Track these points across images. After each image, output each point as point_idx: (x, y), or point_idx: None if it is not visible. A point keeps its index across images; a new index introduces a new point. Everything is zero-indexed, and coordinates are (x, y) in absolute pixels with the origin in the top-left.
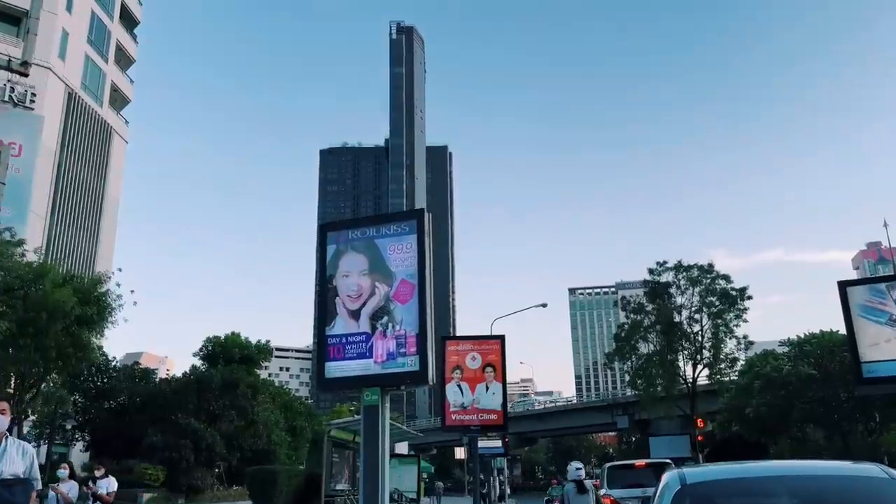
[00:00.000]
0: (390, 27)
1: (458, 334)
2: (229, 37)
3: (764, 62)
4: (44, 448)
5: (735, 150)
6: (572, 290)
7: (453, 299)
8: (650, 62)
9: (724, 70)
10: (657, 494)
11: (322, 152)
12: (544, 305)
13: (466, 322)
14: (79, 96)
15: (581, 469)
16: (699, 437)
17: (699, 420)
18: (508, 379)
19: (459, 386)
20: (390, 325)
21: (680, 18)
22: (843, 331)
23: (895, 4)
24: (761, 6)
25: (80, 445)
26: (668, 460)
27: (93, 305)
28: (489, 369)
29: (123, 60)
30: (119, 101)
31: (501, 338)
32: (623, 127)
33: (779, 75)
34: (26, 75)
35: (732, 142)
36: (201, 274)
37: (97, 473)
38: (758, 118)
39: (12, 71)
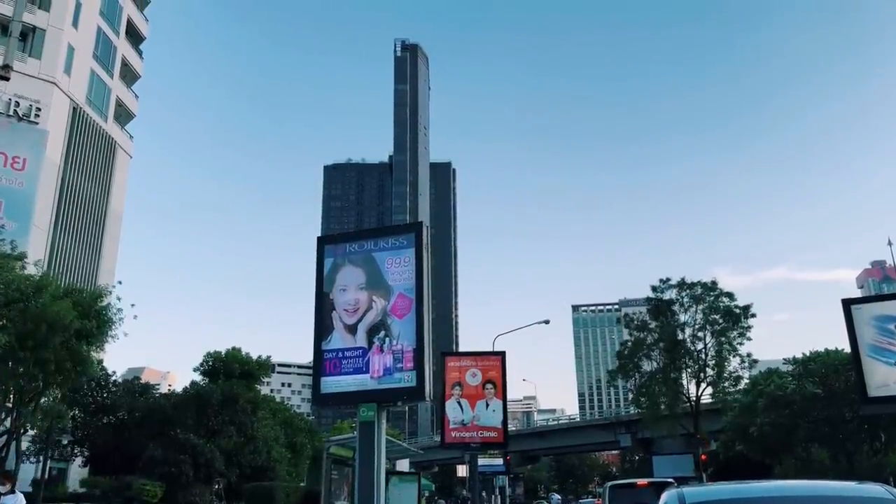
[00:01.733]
0: (395, 45)
1: (460, 350)
2: (235, 53)
3: (769, 81)
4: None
5: (740, 168)
6: (575, 308)
7: (456, 315)
8: (656, 81)
9: (730, 88)
10: None
11: (326, 168)
12: (547, 322)
13: (469, 338)
14: (83, 111)
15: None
16: (703, 457)
17: (703, 439)
18: (510, 396)
19: (459, 402)
20: (387, 339)
21: (685, 39)
22: (848, 349)
23: None
24: (764, 27)
25: (78, 461)
26: (670, 480)
27: (92, 319)
28: (489, 386)
29: (129, 76)
30: (124, 115)
31: (502, 354)
32: (628, 145)
33: (784, 94)
34: (7, 79)
35: (737, 160)
36: (205, 289)
37: (2, 489)
38: (763, 137)
39: None
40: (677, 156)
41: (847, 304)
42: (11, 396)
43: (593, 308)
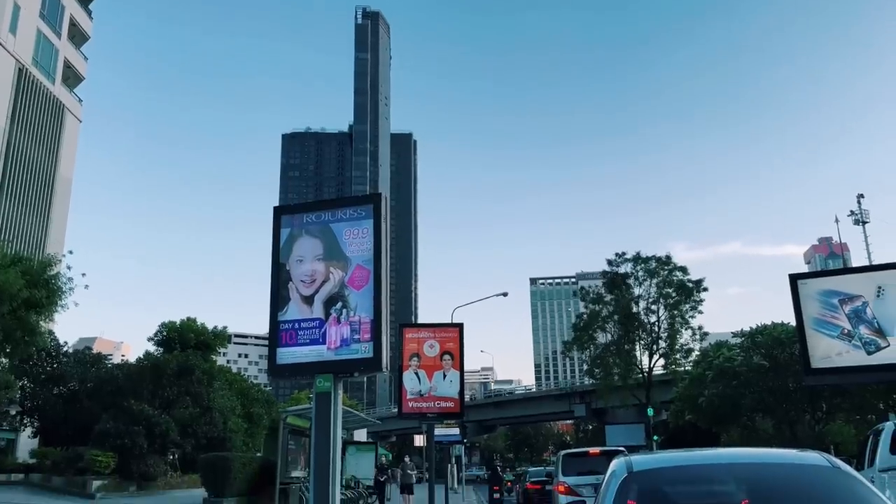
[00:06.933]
0: (356, 12)
1: (419, 322)
2: (190, 16)
3: (721, 59)
4: None
5: (695, 145)
6: (533, 280)
7: (415, 287)
8: (616, 55)
9: (682, 65)
10: (605, 482)
11: (284, 137)
12: (505, 294)
13: (428, 310)
14: (30, 72)
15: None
16: (653, 426)
17: (654, 409)
18: (468, 367)
19: (417, 373)
20: (345, 310)
21: (650, 17)
22: (793, 323)
23: None
24: (721, 8)
25: (28, 431)
26: (622, 448)
27: (42, 289)
28: (447, 357)
29: (77, 36)
30: (72, 78)
31: (460, 326)
32: (586, 119)
33: (736, 71)
34: None
35: (692, 136)
36: (161, 259)
37: None
38: (715, 113)
39: None
40: (635, 130)
41: (794, 278)
42: None
43: (551, 281)
